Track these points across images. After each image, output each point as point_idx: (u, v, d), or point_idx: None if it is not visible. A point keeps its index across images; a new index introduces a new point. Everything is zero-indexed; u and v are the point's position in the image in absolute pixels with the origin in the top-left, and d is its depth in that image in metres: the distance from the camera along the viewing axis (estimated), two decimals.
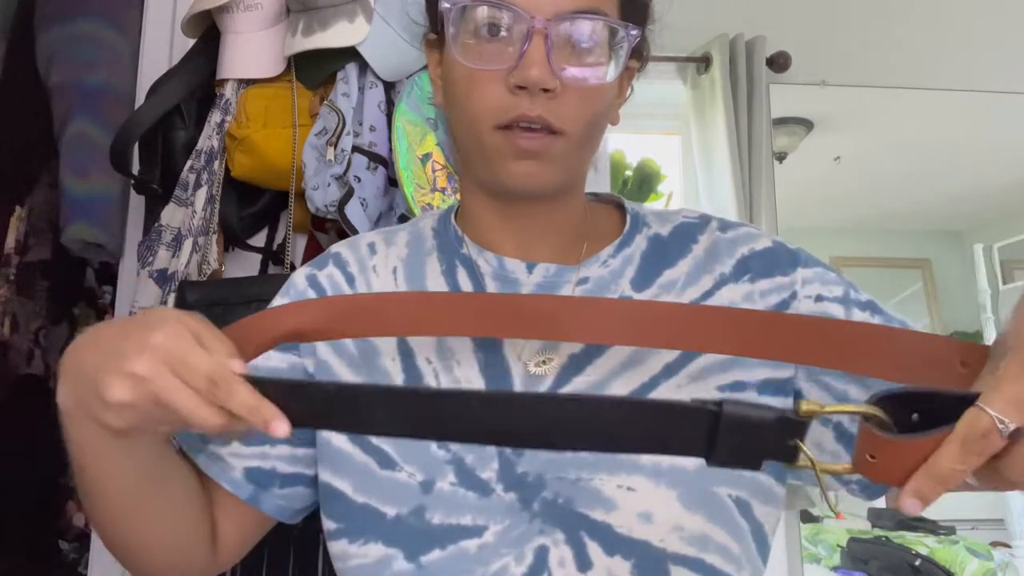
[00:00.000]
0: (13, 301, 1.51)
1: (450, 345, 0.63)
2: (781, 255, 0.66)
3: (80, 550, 1.55)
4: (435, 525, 0.57)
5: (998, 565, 3.13)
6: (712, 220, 0.70)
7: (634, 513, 0.55)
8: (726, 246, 0.66)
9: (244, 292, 1.18)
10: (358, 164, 1.19)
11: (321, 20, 1.23)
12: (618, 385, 0.60)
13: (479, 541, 0.56)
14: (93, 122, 1.37)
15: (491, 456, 0.59)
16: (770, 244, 0.66)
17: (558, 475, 0.57)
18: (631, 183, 3.28)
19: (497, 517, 0.57)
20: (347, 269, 0.71)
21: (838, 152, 4.57)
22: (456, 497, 0.58)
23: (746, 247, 0.66)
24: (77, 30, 1.41)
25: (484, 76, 0.59)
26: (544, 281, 0.65)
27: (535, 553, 0.55)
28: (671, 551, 0.54)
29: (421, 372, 0.63)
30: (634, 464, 0.56)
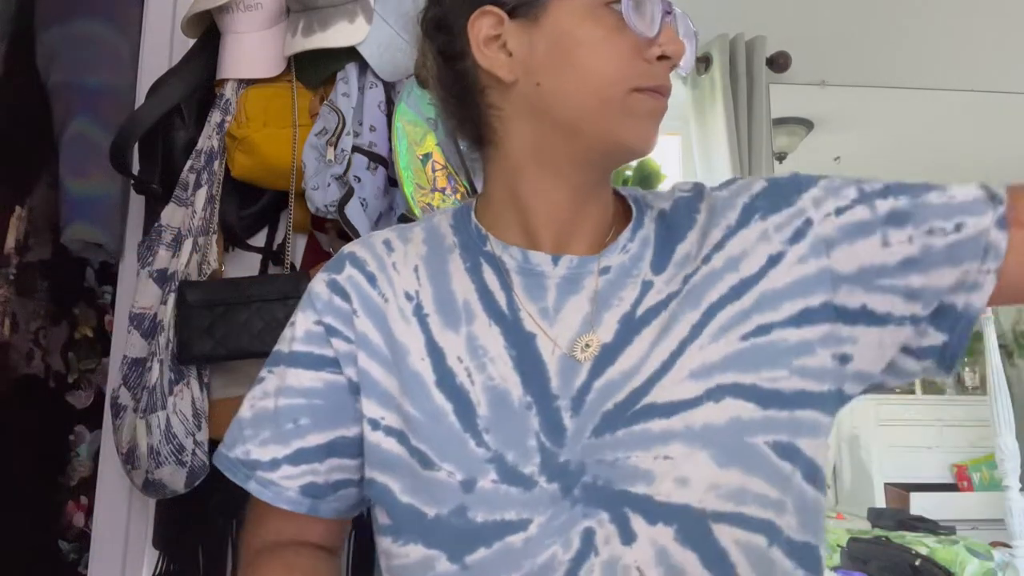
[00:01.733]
0: (13, 301, 1.51)
1: (481, 343, 0.64)
2: (781, 188, 0.66)
3: (80, 550, 1.55)
4: (479, 523, 0.58)
5: (998, 565, 3.12)
6: (705, 187, 0.71)
7: (671, 480, 0.56)
8: (726, 201, 0.67)
9: (244, 292, 1.18)
10: (358, 164, 1.19)
11: (321, 20, 1.23)
12: (648, 365, 0.61)
13: (524, 535, 0.57)
14: (93, 122, 1.37)
15: (533, 451, 0.59)
16: (766, 184, 0.67)
17: (597, 458, 0.58)
18: (631, 182, 3.28)
19: (540, 509, 0.57)
20: (366, 268, 0.71)
21: (838, 152, 4.57)
22: (499, 494, 0.58)
23: (746, 195, 0.67)
24: (77, 30, 1.41)
25: (624, 42, 0.62)
26: (568, 273, 0.66)
27: (581, 537, 0.56)
28: (710, 510, 0.55)
29: (453, 371, 0.64)
30: (669, 433, 0.57)
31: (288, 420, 0.68)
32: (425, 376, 0.64)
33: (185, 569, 1.24)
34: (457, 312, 0.66)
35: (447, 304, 0.67)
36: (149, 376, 1.16)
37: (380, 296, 0.69)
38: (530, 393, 0.61)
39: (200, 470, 1.17)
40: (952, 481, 5.07)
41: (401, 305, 0.68)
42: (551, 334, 0.63)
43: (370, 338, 0.67)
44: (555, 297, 0.65)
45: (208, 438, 1.18)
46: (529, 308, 0.64)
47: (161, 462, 1.14)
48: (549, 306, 0.64)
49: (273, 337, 1.17)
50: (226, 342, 1.16)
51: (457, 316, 0.66)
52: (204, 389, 1.20)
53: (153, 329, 1.19)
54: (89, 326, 1.64)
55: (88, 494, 1.53)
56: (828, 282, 0.61)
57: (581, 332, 0.63)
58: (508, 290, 0.66)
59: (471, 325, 0.65)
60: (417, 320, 0.67)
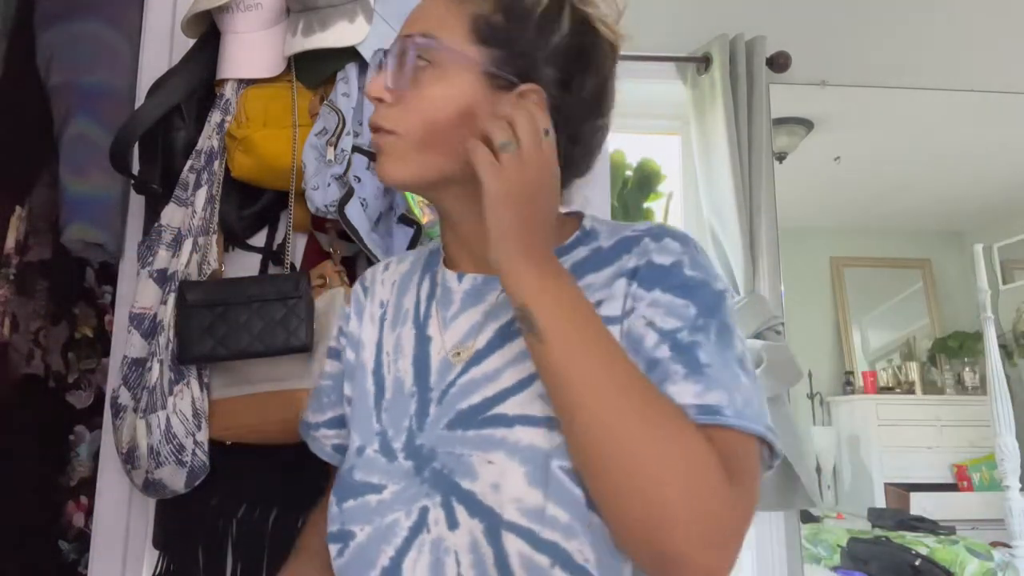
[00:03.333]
0: (13, 301, 1.51)
1: (402, 342, 0.79)
2: (662, 272, 0.69)
3: (80, 550, 1.55)
4: (356, 480, 0.72)
5: (998, 565, 3.13)
6: (659, 231, 0.72)
7: (489, 483, 0.65)
8: (643, 250, 0.71)
9: (244, 292, 1.18)
10: (358, 164, 1.19)
11: (321, 20, 1.23)
12: (508, 376, 0.70)
13: (378, 497, 0.70)
14: (93, 122, 1.37)
15: (403, 431, 0.72)
16: (668, 263, 0.69)
17: (447, 449, 0.68)
18: (631, 183, 3.28)
19: (395, 479, 0.70)
20: (364, 283, 0.88)
21: (838, 152, 4.57)
22: (373, 461, 0.72)
23: (654, 256, 0.70)
24: (77, 30, 1.41)
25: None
26: (471, 288, 0.77)
27: (419, 512, 0.67)
28: (506, 518, 0.63)
29: (382, 363, 0.80)
30: (501, 443, 0.66)
31: (323, 396, 0.88)
32: (367, 365, 0.81)
33: (185, 569, 1.24)
34: (400, 317, 0.81)
35: (398, 311, 0.82)
36: (149, 376, 1.16)
37: (368, 304, 0.86)
38: (416, 384, 0.74)
39: (200, 470, 1.17)
40: (952, 481, 5.07)
41: (373, 311, 0.85)
42: (443, 338, 0.76)
43: (354, 335, 0.85)
44: (457, 308, 0.77)
45: (208, 438, 1.18)
46: (437, 317, 0.78)
47: (161, 462, 1.14)
48: (449, 315, 0.77)
49: (273, 337, 1.18)
50: (226, 342, 1.16)
51: (399, 320, 0.81)
52: (204, 389, 1.20)
53: (153, 329, 1.19)
54: (89, 326, 1.64)
55: (88, 494, 1.53)
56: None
57: (465, 339, 0.74)
58: (430, 301, 0.80)
59: (403, 327, 0.80)
60: (379, 322, 0.83)
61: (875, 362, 5.72)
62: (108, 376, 1.39)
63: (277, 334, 1.16)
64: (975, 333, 4.86)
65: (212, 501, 1.23)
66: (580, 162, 0.76)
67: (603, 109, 0.75)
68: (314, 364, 1.17)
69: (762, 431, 0.62)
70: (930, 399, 5.38)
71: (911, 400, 5.37)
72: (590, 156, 0.77)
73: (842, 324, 5.67)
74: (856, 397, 5.42)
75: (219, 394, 1.21)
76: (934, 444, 5.18)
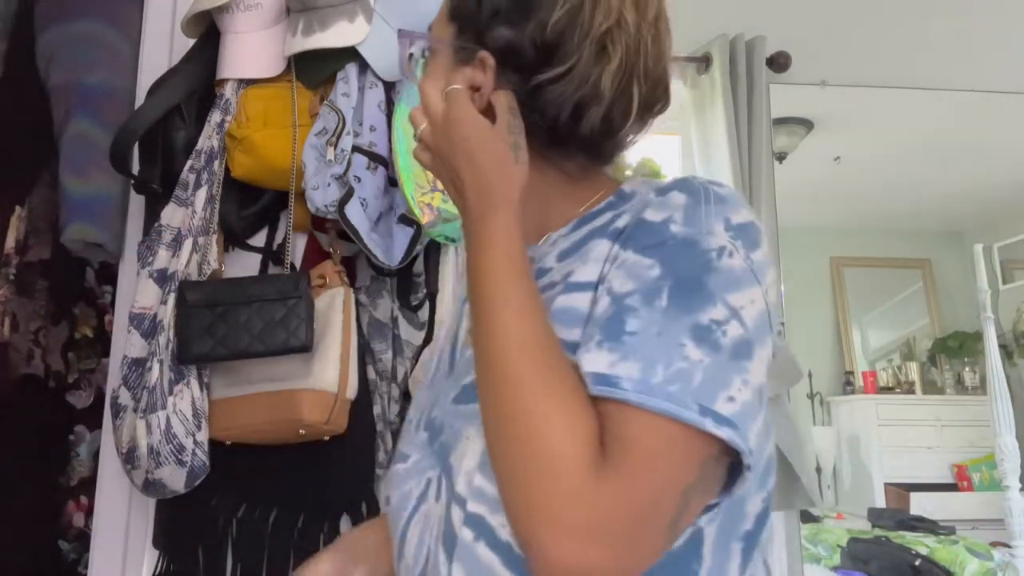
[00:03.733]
0: (13, 301, 1.51)
1: (450, 319, 0.82)
2: (646, 230, 0.61)
3: (80, 550, 1.55)
4: (399, 450, 0.76)
5: (998, 565, 3.13)
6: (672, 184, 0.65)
7: (459, 456, 0.65)
8: (641, 206, 0.64)
9: (244, 292, 1.18)
10: (358, 164, 1.19)
11: (321, 20, 1.23)
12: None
13: (404, 466, 0.72)
14: (93, 122, 1.37)
15: (429, 403, 0.74)
16: (659, 219, 0.61)
17: (450, 423, 0.69)
18: None
19: (416, 450, 0.72)
20: None
21: (838, 152, 4.57)
22: (408, 432, 0.76)
23: (647, 212, 0.62)
24: (77, 30, 1.41)
25: None
26: None
27: (425, 482, 0.69)
28: (456, 491, 0.64)
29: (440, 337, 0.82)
30: (475, 415, 0.62)
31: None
32: (444, 353, 0.80)
33: (185, 569, 1.24)
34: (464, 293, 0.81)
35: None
36: (149, 376, 1.16)
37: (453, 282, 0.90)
38: (449, 359, 0.76)
39: (200, 470, 1.17)
40: (952, 481, 5.08)
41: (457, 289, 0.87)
42: (466, 312, 0.74)
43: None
44: None
45: (208, 438, 1.18)
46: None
47: (161, 462, 1.14)
48: None
49: (273, 337, 1.19)
50: (226, 342, 1.16)
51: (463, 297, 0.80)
52: (204, 389, 1.20)
53: (153, 329, 1.19)
54: (89, 326, 1.64)
55: (88, 494, 1.53)
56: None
57: None
58: None
59: (459, 303, 0.80)
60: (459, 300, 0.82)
61: (875, 362, 5.73)
62: (108, 376, 1.39)
63: (277, 334, 1.16)
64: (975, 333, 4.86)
65: (212, 501, 1.23)
66: (559, 127, 0.68)
67: (553, 57, 0.66)
68: (314, 364, 1.17)
69: (674, 411, 0.52)
70: (930, 399, 5.40)
71: (911, 400, 5.39)
72: (558, 111, 0.67)
73: (842, 324, 5.68)
74: (856, 397, 5.43)
75: (219, 394, 1.21)
76: (934, 444, 5.19)
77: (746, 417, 0.54)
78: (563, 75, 0.66)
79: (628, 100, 0.67)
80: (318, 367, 1.16)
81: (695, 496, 0.54)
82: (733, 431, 0.53)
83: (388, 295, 1.30)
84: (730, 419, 0.53)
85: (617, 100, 0.67)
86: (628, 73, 0.67)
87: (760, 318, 0.58)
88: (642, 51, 0.67)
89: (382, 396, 1.26)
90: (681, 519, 0.54)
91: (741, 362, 0.55)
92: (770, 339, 0.59)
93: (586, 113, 0.67)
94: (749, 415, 0.54)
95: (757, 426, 0.56)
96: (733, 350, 0.55)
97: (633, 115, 0.68)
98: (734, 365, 0.55)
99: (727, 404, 0.53)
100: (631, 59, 0.66)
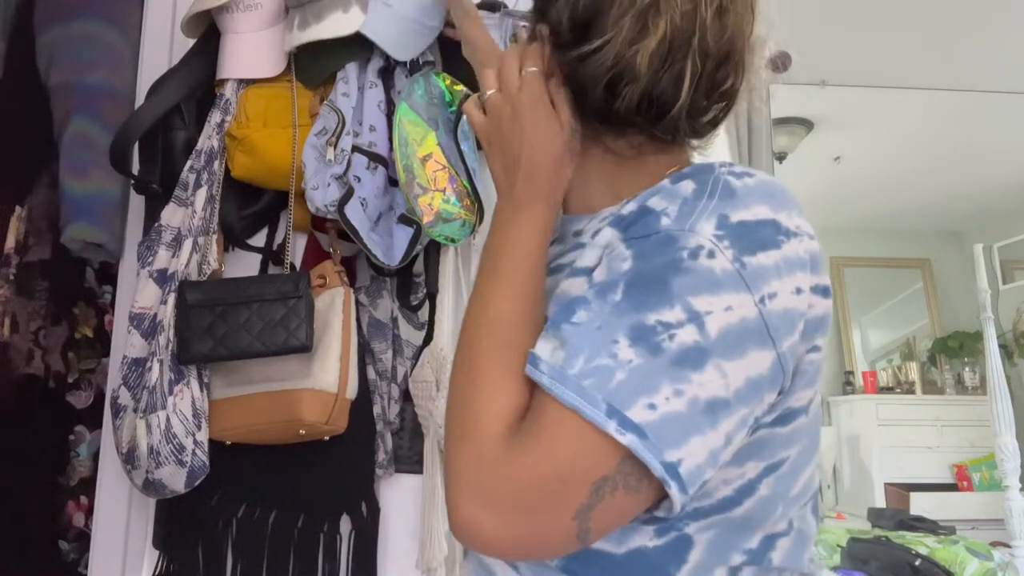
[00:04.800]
0: (13, 301, 1.51)
1: None
2: (642, 219, 0.60)
3: (80, 550, 1.55)
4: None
5: (998, 565, 3.12)
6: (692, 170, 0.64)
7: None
8: (652, 192, 0.63)
9: (244, 292, 1.18)
10: (358, 164, 1.19)
11: (316, 13, 1.23)
12: None
13: None
14: (93, 122, 1.37)
15: None
16: (660, 207, 0.60)
17: None
18: None
19: None
20: None
21: (838, 152, 4.58)
22: None
23: (652, 199, 0.61)
24: (77, 30, 1.41)
25: None
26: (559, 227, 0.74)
27: None
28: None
29: None
30: None
31: None
32: None
33: (185, 569, 1.24)
34: None
35: None
36: (149, 376, 1.16)
37: None
38: None
39: (200, 470, 1.17)
40: (952, 481, 5.08)
41: None
42: None
43: None
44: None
45: (208, 438, 1.18)
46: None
47: (161, 462, 1.14)
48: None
49: (273, 337, 1.19)
50: (226, 342, 1.16)
51: None
52: (204, 389, 1.20)
53: (153, 329, 1.19)
54: (89, 326, 1.64)
55: (88, 494, 1.53)
56: None
57: None
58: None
59: None
60: None
61: (875, 362, 5.73)
62: (108, 376, 1.39)
63: (277, 334, 1.16)
64: (975, 333, 4.87)
65: (212, 501, 1.23)
66: (593, 101, 0.66)
67: (588, 33, 0.65)
68: (314, 364, 1.17)
69: (578, 404, 0.52)
70: (930, 399, 5.40)
71: (911, 400, 5.39)
72: (592, 88, 0.66)
73: (842, 324, 5.68)
74: (856, 397, 5.44)
75: (219, 394, 1.21)
76: (934, 444, 5.19)
77: (667, 429, 0.51)
78: (595, 51, 0.64)
79: (677, 78, 0.63)
80: (318, 367, 1.16)
81: (615, 493, 0.53)
82: (639, 440, 0.51)
83: (388, 295, 1.30)
84: (639, 426, 0.51)
85: (660, 79, 0.63)
86: (676, 50, 0.63)
87: (739, 327, 0.54)
88: (699, 28, 0.63)
89: (382, 396, 1.26)
90: (596, 512, 0.53)
91: (683, 370, 0.52)
92: (759, 351, 0.54)
93: (621, 91, 0.64)
94: (674, 427, 0.52)
95: (699, 442, 0.52)
96: (676, 356, 0.52)
97: (685, 94, 0.64)
98: (671, 372, 0.52)
99: (644, 411, 0.51)
100: (681, 36, 0.63)
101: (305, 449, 1.19)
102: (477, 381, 0.58)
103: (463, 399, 0.58)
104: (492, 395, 0.57)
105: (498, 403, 0.56)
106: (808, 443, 0.62)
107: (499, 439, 0.54)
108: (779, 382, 0.56)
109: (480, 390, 0.57)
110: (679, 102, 0.64)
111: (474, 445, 0.55)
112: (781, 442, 0.59)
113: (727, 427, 0.53)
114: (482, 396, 0.57)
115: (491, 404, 0.56)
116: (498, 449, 0.53)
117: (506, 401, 0.56)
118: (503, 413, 0.55)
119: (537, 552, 0.56)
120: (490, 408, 0.56)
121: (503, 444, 0.54)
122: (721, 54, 0.65)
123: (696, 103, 0.65)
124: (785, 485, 0.60)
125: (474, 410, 0.56)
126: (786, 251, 0.56)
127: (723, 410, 0.53)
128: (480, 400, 0.57)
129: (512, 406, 0.56)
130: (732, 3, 0.65)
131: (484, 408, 0.56)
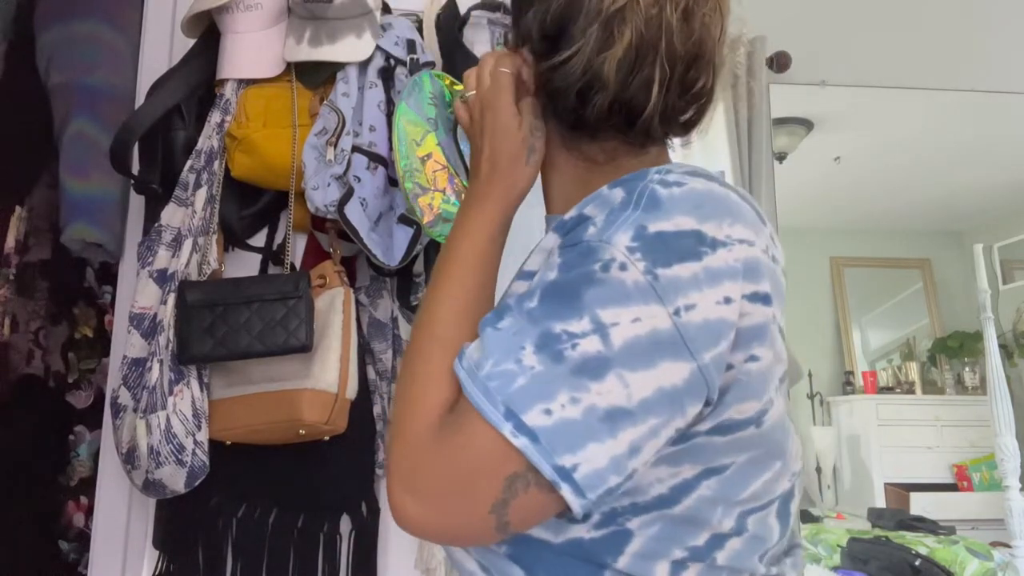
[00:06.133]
0: (13, 301, 1.51)
1: None
2: (574, 228, 0.61)
3: (80, 550, 1.55)
4: None
5: (998, 565, 3.13)
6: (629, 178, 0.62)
7: None
8: (592, 198, 0.62)
9: (244, 292, 1.18)
10: (358, 164, 1.19)
11: (330, 33, 1.24)
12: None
13: None
14: (93, 122, 1.37)
15: None
16: (592, 215, 0.60)
17: None
18: None
19: None
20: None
21: (838, 152, 4.57)
22: None
23: (587, 206, 0.61)
24: (77, 30, 1.41)
25: None
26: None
27: None
28: None
29: None
30: None
31: None
32: None
33: (185, 569, 1.24)
34: None
35: None
36: (149, 376, 1.16)
37: None
38: None
39: (200, 470, 1.17)
40: (952, 481, 5.08)
41: None
42: None
43: None
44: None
45: (208, 438, 1.18)
46: None
47: (161, 462, 1.14)
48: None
49: (273, 337, 1.19)
50: (226, 342, 1.16)
51: None
52: (204, 389, 1.20)
53: (153, 329, 1.19)
54: (89, 326, 1.64)
55: (88, 494, 1.53)
56: None
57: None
58: None
59: None
60: None
61: (875, 362, 5.73)
62: (108, 376, 1.39)
63: (277, 334, 1.16)
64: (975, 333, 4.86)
65: (212, 501, 1.23)
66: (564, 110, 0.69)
67: (558, 43, 0.67)
68: (314, 364, 1.17)
69: (480, 403, 0.54)
70: (930, 399, 5.39)
71: (911, 400, 5.38)
72: (564, 97, 0.68)
73: (842, 324, 5.68)
74: (856, 397, 5.43)
75: (219, 394, 1.21)
76: (934, 444, 5.19)
77: (561, 434, 0.53)
78: (565, 61, 0.66)
79: (646, 84, 0.64)
80: (318, 367, 1.16)
81: (528, 490, 0.54)
82: (531, 443, 0.53)
83: (388, 295, 1.30)
84: (533, 431, 0.53)
85: (629, 85, 0.64)
86: (644, 57, 0.64)
87: (648, 339, 0.54)
88: (665, 32, 0.64)
89: (382, 396, 1.26)
90: (513, 508, 0.54)
91: (581, 379, 0.53)
92: (672, 363, 0.54)
93: (592, 99, 0.66)
94: (569, 434, 0.53)
95: (597, 449, 0.53)
96: (576, 365, 0.53)
97: (655, 99, 0.65)
98: (569, 380, 0.53)
99: (539, 416, 0.53)
100: (648, 42, 0.64)
101: (305, 449, 1.19)
102: (415, 375, 0.61)
103: (401, 392, 0.62)
104: (427, 389, 0.59)
105: (432, 397, 0.59)
106: (764, 452, 0.61)
107: (428, 431, 0.57)
108: (702, 393, 0.56)
109: (416, 383, 0.61)
110: (649, 107, 0.65)
111: (406, 436, 0.58)
112: (720, 449, 0.59)
113: (631, 436, 0.54)
114: (417, 389, 0.60)
115: (425, 397, 0.59)
116: (426, 440, 0.57)
117: (439, 395, 0.58)
118: (435, 406, 0.58)
119: (461, 539, 0.60)
120: (424, 401, 0.59)
121: (431, 436, 0.57)
122: (690, 56, 0.66)
123: (669, 105, 0.67)
124: (730, 489, 0.60)
125: (410, 403, 0.60)
126: (709, 262, 0.56)
127: (624, 419, 0.53)
128: (415, 393, 0.60)
129: (445, 400, 0.58)
130: (698, 5, 0.66)
131: (418, 401, 0.59)
